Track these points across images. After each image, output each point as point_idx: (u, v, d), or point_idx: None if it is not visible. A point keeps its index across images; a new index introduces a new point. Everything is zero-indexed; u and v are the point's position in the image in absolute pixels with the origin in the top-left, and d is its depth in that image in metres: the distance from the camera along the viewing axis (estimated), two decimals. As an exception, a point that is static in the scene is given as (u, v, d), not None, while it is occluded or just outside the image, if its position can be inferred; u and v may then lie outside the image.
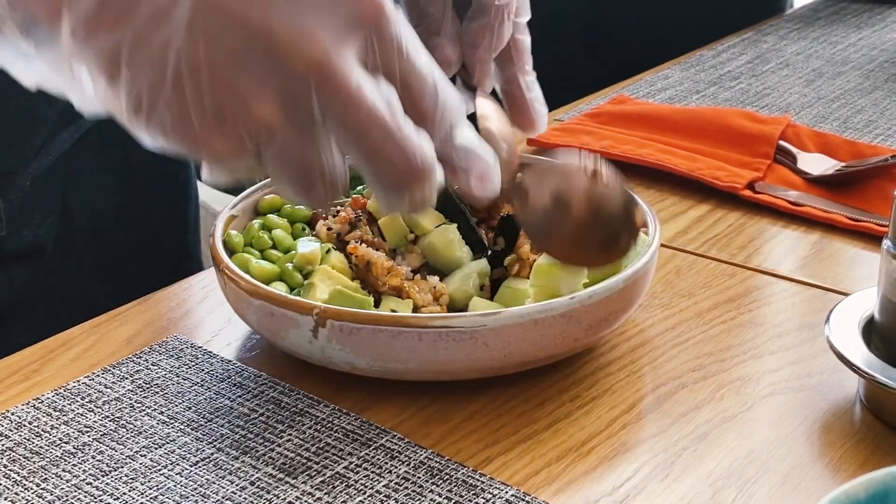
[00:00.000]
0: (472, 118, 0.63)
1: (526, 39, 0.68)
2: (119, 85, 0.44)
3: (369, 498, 0.52)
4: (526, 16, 0.67)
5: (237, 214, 0.67)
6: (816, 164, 0.85)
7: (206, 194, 1.35)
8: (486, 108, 0.66)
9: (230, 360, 0.62)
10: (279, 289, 0.60)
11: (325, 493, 0.52)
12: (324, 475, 0.53)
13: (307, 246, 0.63)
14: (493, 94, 0.68)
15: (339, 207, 0.66)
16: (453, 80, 0.68)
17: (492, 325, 0.56)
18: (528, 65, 0.68)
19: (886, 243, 0.57)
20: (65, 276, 0.82)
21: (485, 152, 0.49)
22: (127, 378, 0.61)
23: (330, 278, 0.61)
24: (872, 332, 0.58)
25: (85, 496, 0.52)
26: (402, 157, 0.45)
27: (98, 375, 0.61)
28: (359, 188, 0.68)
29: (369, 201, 0.66)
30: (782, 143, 0.88)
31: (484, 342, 0.56)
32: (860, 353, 0.56)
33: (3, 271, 0.78)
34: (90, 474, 0.53)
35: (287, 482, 0.53)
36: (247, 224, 0.67)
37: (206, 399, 0.59)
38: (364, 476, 0.53)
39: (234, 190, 1.50)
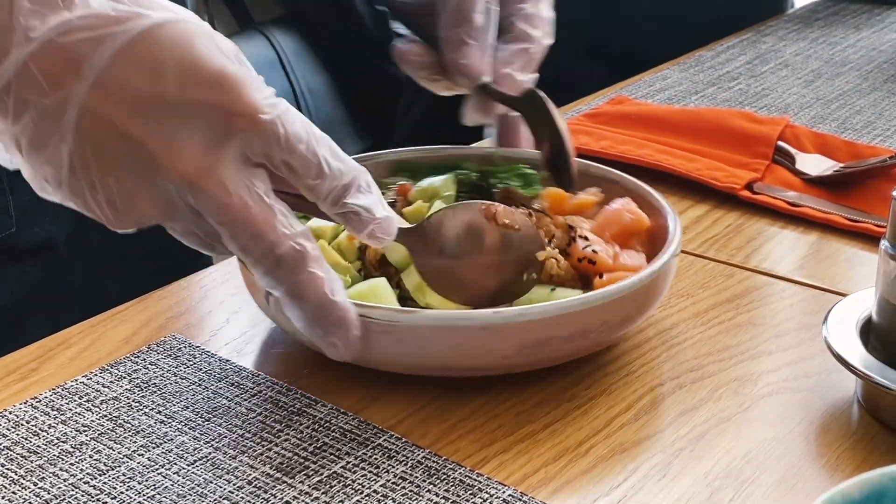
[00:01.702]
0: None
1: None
2: (21, 160, 0.51)
3: (366, 497, 0.52)
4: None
5: None
6: (815, 164, 0.85)
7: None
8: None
9: (228, 360, 0.62)
10: None
11: (323, 493, 0.52)
12: (321, 475, 0.53)
13: (319, 221, 0.64)
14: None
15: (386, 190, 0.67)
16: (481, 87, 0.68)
17: (406, 323, 0.56)
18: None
19: (884, 244, 0.57)
20: (79, 272, 0.82)
21: (372, 208, 0.54)
22: (125, 377, 0.61)
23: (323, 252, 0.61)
24: (870, 333, 0.58)
25: (82, 495, 0.52)
26: (266, 248, 0.52)
27: (96, 375, 0.61)
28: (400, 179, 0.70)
29: (412, 192, 0.68)
30: (781, 143, 0.88)
31: (400, 337, 0.56)
32: (858, 354, 0.56)
33: (15, 266, 0.78)
34: (87, 473, 0.53)
35: (284, 482, 0.53)
36: None
37: (203, 398, 0.59)
38: (361, 475, 0.53)
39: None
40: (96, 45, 0.48)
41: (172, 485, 0.53)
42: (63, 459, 0.54)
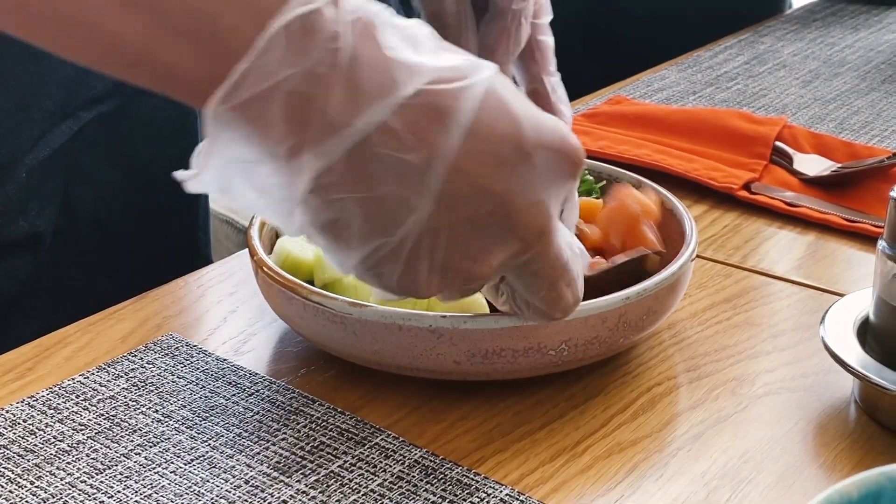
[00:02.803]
0: None
1: (548, 40, 0.69)
2: (339, 236, 0.45)
3: (363, 497, 0.52)
4: (547, 16, 0.68)
5: None
6: (812, 165, 0.85)
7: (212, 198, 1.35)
8: None
9: (225, 359, 0.62)
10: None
11: (320, 492, 0.52)
12: (318, 474, 0.53)
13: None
14: None
15: None
16: None
17: (357, 316, 0.56)
18: (552, 65, 0.69)
19: (882, 244, 0.57)
20: (68, 268, 0.82)
21: (584, 252, 0.54)
22: (122, 376, 0.61)
23: None
24: (867, 333, 0.58)
25: (79, 494, 0.52)
26: (574, 301, 0.51)
27: (92, 374, 0.61)
28: None
29: None
30: (778, 143, 0.88)
31: (353, 330, 0.57)
32: (855, 354, 0.56)
33: (2, 260, 0.78)
34: (84, 472, 0.53)
35: (281, 481, 0.53)
36: None
37: (200, 398, 0.59)
38: (358, 475, 0.53)
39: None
40: (460, 95, 0.44)
41: (169, 484, 0.53)
42: (60, 458, 0.54)
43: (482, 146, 0.44)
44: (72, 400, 0.59)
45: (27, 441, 0.55)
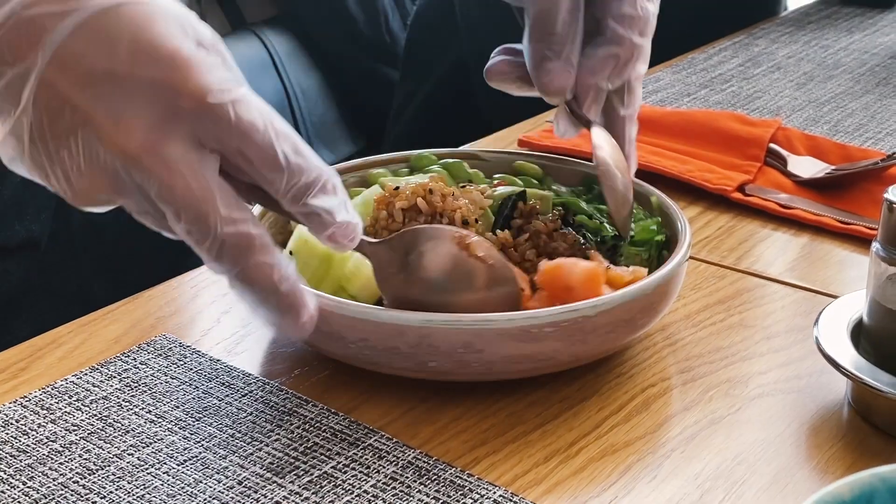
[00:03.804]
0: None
1: (640, 88, 0.68)
2: None
3: (357, 498, 0.52)
4: (645, 65, 0.67)
5: None
6: (807, 167, 0.85)
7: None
8: (600, 138, 0.65)
9: (218, 360, 0.62)
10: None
11: (313, 493, 0.52)
12: (311, 475, 0.53)
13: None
14: None
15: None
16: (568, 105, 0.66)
17: (350, 315, 0.57)
18: (636, 112, 0.68)
19: (875, 246, 0.57)
20: (63, 271, 0.82)
21: (334, 212, 0.53)
22: (115, 377, 0.60)
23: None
24: (861, 335, 0.58)
25: (72, 495, 0.52)
26: (210, 227, 0.51)
27: (86, 374, 0.61)
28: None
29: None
30: (773, 145, 0.88)
31: (339, 329, 0.57)
32: (849, 356, 0.56)
33: None
34: (77, 473, 0.53)
35: (275, 482, 0.53)
36: None
37: (193, 398, 0.59)
38: (352, 476, 0.53)
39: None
40: (59, 19, 0.49)
41: (162, 484, 0.52)
42: (52, 459, 0.54)
43: (74, 64, 0.49)
44: (65, 400, 0.58)
45: (20, 441, 0.55)
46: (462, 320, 0.55)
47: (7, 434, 0.56)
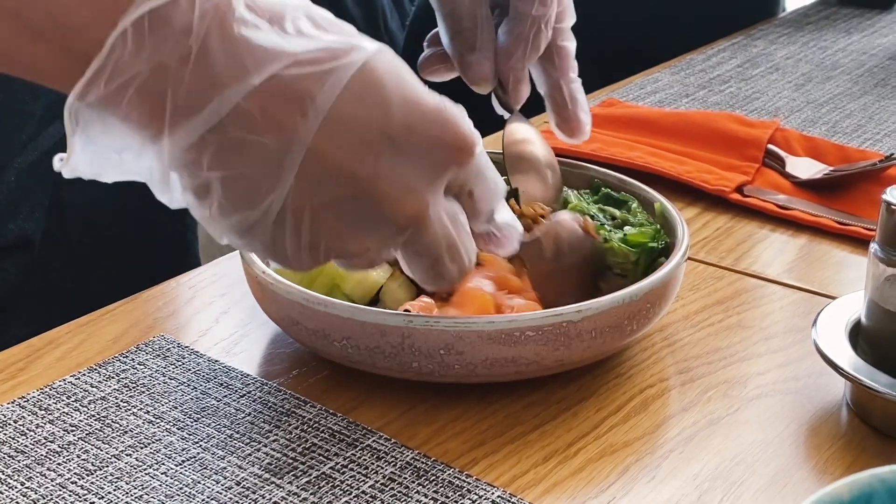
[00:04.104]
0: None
1: (570, 45, 0.69)
2: (209, 208, 0.47)
3: (355, 498, 0.52)
4: (570, 20, 0.68)
5: None
6: (805, 167, 0.85)
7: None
8: (528, 133, 0.67)
9: (217, 360, 0.62)
10: None
11: (311, 494, 0.52)
12: (310, 475, 0.53)
13: None
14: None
15: None
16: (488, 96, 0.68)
17: (354, 318, 0.57)
18: (573, 71, 0.69)
19: (874, 247, 0.57)
20: (58, 270, 0.82)
21: (516, 225, 0.54)
22: (113, 377, 0.60)
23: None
24: (859, 336, 0.58)
25: (70, 495, 0.52)
26: (459, 272, 0.51)
27: (84, 374, 0.61)
28: None
29: None
30: (771, 146, 0.88)
31: (344, 334, 0.58)
32: (847, 357, 0.56)
33: None
34: (75, 473, 0.53)
35: (273, 482, 0.53)
36: None
37: (192, 399, 0.59)
38: (350, 476, 0.53)
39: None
40: (322, 79, 0.44)
41: (160, 485, 0.52)
42: (50, 459, 0.54)
43: (345, 131, 0.45)
44: (63, 401, 0.58)
45: (18, 442, 0.55)
46: (442, 321, 0.56)
47: (5, 434, 0.56)
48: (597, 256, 0.63)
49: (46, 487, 0.52)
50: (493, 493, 0.52)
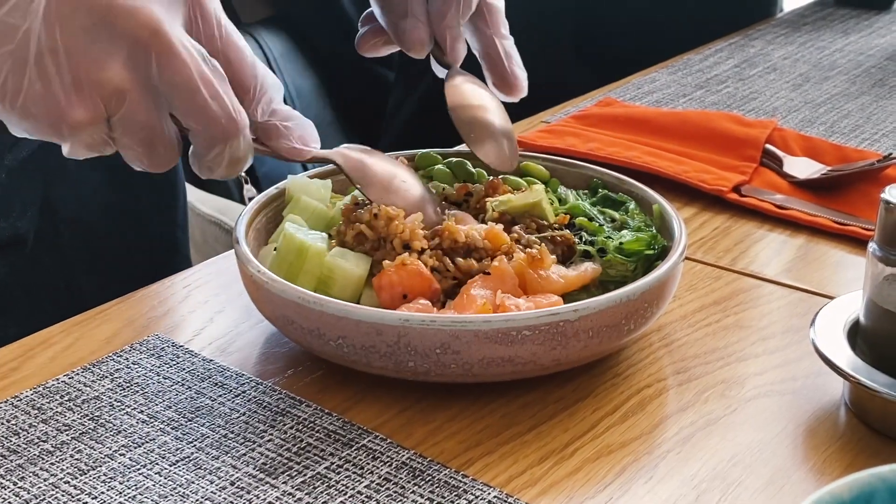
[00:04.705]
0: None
1: (498, 3, 0.70)
2: None
3: (350, 499, 0.51)
4: None
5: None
6: (803, 167, 0.85)
7: (193, 195, 1.35)
8: (476, 94, 0.67)
9: (211, 360, 0.62)
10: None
11: (306, 494, 0.52)
12: (305, 475, 0.53)
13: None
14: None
15: None
16: (427, 58, 0.70)
17: (349, 317, 0.57)
18: (504, 28, 0.70)
19: (872, 246, 0.57)
20: (49, 269, 0.81)
21: (302, 119, 0.57)
22: (107, 377, 0.60)
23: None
24: (858, 336, 0.58)
25: (63, 495, 0.51)
26: (224, 113, 0.52)
27: (77, 374, 0.60)
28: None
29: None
30: (769, 146, 0.88)
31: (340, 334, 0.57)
32: (845, 357, 0.56)
33: None
34: (68, 473, 0.53)
35: (267, 482, 0.52)
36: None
37: (186, 398, 0.58)
38: (345, 476, 0.53)
39: (219, 190, 1.49)
40: None
41: (154, 485, 0.52)
42: (43, 459, 0.54)
43: None
44: (56, 400, 0.58)
45: (10, 441, 0.55)
46: (438, 320, 0.55)
47: (-2, 434, 0.55)
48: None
49: (39, 487, 0.52)
50: (489, 494, 0.52)
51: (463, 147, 0.75)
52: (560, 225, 0.65)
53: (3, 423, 0.56)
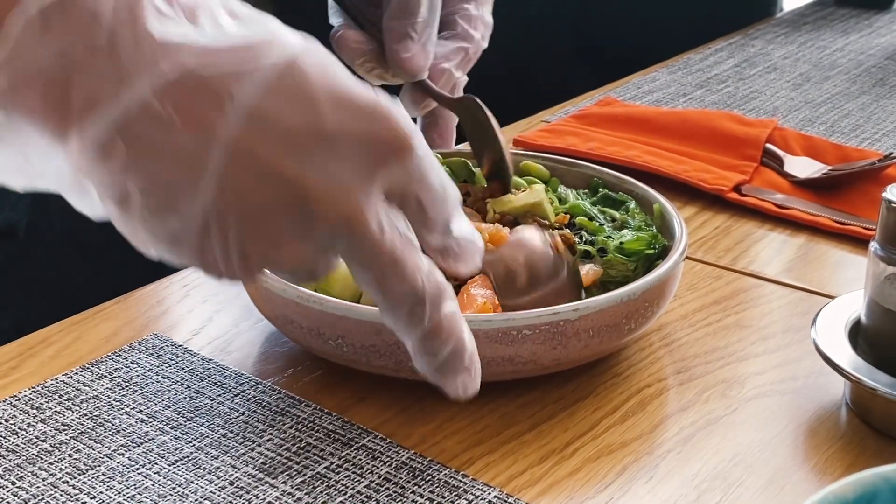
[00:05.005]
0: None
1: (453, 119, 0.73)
2: (131, 216, 0.43)
3: (350, 499, 0.51)
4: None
5: None
6: (803, 167, 0.85)
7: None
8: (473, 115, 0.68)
9: (210, 359, 0.61)
10: None
11: (306, 494, 0.51)
12: (304, 475, 0.53)
13: None
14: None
15: None
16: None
17: (348, 316, 0.57)
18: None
19: (874, 245, 0.56)
20: (42, 260, 0.81)
21: (476, 239, 0.50)
22: (105, 376, 0.60)
23: None
24: (859, 335, 0.58)
25: (61, 495, 0.51)
26: (410, 289, 0.46)
27: (76, 373, 0.60)
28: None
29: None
30: (769, 146, 0.87)
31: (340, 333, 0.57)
32: (846, 356, 0.56)
33: None
34: (67, 473, 0.53)
35: (267, 482, 0.52)
36: None
37: (185, 398, 0.58)
38: (345, 476, 0.53)
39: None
40: (240, 76, 0.42)
41: (153, 485, 0.52)
42: (42, 458, 0.54)
43: (269, 130, 0.42)
44: (55, 400, 0.58)
45: (9, 441, 0.55)
46: None
47: (-4, 433, 0.55)
48: (572, 279, 0.60)
49: (38, 487, 0.52)
50: (489, 494, 0.52)
51: (463, 147, 0.75)
52: (560, 224, 0.65)
53: (1, 423, 0.56)
